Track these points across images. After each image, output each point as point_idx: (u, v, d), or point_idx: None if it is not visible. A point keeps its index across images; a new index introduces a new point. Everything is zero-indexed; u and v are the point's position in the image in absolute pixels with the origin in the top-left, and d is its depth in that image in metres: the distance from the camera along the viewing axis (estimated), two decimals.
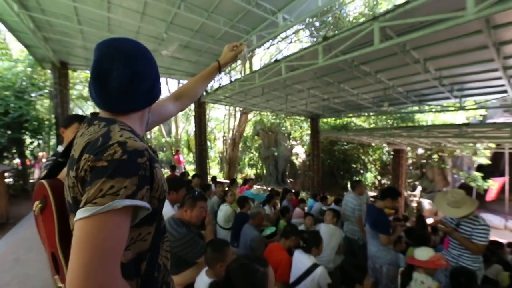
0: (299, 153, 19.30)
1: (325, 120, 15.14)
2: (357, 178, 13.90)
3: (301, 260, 2.30)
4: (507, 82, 4.78)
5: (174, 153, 10.80)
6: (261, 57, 15.92)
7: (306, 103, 8.54)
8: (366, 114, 10.74)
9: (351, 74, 5.54)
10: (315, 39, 12.43)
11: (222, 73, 11.25)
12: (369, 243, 3.08)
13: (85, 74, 12.58)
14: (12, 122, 6.76)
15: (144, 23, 5.43)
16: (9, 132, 6.83)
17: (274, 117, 18.33)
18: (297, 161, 19.35)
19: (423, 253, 2.30)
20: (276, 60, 5.08)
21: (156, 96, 0.84)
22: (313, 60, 4.48)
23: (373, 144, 15.25)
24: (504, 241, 5.45)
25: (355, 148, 16.91)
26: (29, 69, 8.80)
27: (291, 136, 19.68)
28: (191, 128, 19.56)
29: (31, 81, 8.08)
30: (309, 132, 12.77)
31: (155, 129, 18.80)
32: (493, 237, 6.08)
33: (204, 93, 8.85)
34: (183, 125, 18.72)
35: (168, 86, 18.55)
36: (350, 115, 10.55)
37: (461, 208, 2.50)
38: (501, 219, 11.73)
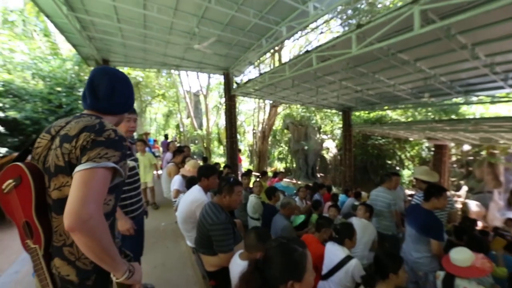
0: (330, 147, 18.79)
1: (357, 113, 14.49)
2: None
3: (333, 252, 2.27)
4: None
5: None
6: (290, 49, 15.62)
7: (337, 95, 8.24)
8: (403, 106, 10.03)
9: (387, 63, 5.21)
10: (347, 29, 11.85)
11: (251, 66, 11.24)
12: (410, 248, 2.76)
13: (124, 71, 13.44)
14: (65, 115, 7.49)
15: (177, 19, 5.62)
16: None
17: (304, 110, 17.99)
18: (328, 156, 18.87)
19: (462, 258, 2.07)
20: (307, 51, 4.95)
21: (127, 109, 1.18)
22: (346, 50, 4.29)
23: (411, 139, 14.26)
24: None
25: (390, 143, 15.98)
26: (76, 67, 9.63)
27: (321, 130, 19.22)
28: (222, 121, 20.01)
29: (78, 78, 8.84)
30: (340, 125, 12.33)
31: (187, 122, 19.55)
32: None
33: (235, 86, 8.96)
34: (214, 119, 19.16)
35: (199, 80, 19.09)
36: (386, 107, 9.95)
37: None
38: None
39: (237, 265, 1.81)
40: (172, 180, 4.08)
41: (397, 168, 16.26)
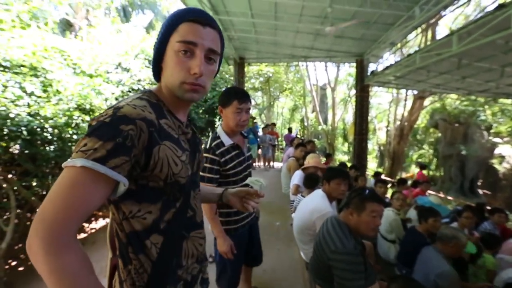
0: (507, 155, 13.54)
1: None
2: None
3: None
4: None
5: (418, 169, 8.91)
6: (454, 18, 11.80)
7: None
8: None
9: None
10: None
11: (391, 50, 9.35)
12: None
13: (257, 68, 14.55)
14: (208, 109, 8.78)
15: (307, 1, 5.16)
16: (206, 116, 8.93)
17: (466, 103, 13.60)
18: (501, 167, 13.87)
19: None
20: (500, 6, 3.21)
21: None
22: None
23: None
24: None
25: None
26: None
27: (491, 131, 14.03)
28: (348, 116, 18.36)
29: (220, 76, 10.16)
30: None
31: (312, 116, 19.17)
32: None
33: (369, 74, 7.65)
34: (341, 113, 17.83)
35: (327, 72, 18.18)
36: None
37: None
38: None
39: None
40: (292, 175, 3.80)
41: None
